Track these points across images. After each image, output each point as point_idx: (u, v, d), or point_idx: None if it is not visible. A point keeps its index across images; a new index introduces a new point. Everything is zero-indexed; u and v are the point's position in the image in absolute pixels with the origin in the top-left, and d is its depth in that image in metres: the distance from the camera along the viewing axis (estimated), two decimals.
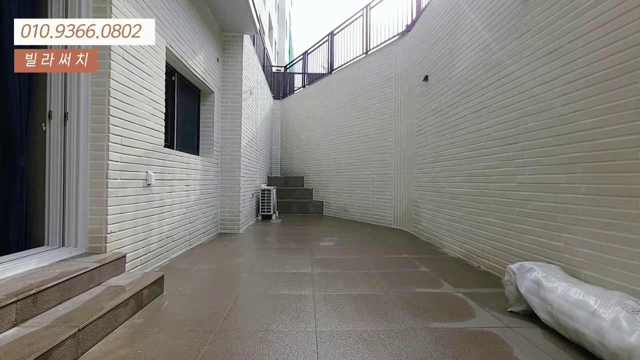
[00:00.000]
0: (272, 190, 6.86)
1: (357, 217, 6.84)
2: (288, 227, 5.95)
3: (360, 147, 6.78)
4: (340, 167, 7.36)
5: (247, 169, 5.83)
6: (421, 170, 4.93)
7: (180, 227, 3.67)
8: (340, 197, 7.38)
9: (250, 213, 6.18)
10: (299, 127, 9.25)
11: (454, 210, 3.83)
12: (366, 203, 6.60)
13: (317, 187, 8.27)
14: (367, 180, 6.57)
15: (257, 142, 7.01)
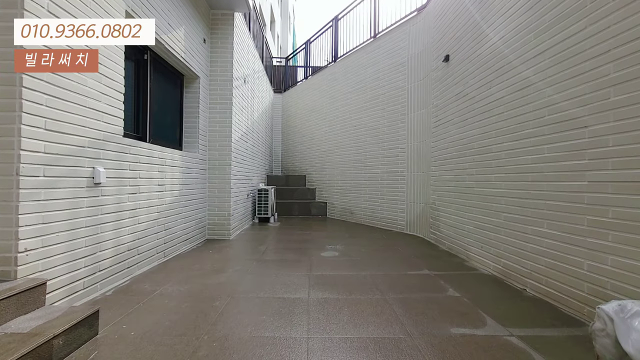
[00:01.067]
0: (270, 190, 6.19)
1: (364, 220, 6.13)
2: (287, 231, 5.26)
3: (368, 142, 6.06)
4: (346, 165, 6.65)
5: (240, 166, 5.15)
6: (440, 167, 4.20)
7: (149, 236, 3.01)
8: (345, 197, 6.67)
9: (244, 216, 5.52)
10: (301, 122, 8.56)
11: (486, 216, 3.10)
12: (375, 205, 5.88)
13: (321, 187, 7.57)
14: (376, 179, 5.86)
15: (253, 137, 6.34)
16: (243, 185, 5.41)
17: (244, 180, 5.47)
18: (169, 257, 3.39)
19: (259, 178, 7.10)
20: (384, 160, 5.67)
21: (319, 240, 4.53)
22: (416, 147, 5.02)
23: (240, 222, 5.22)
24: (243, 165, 5.38)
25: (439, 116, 4.28)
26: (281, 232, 5.19)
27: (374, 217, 5.90)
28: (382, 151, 5.71)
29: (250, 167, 6.02)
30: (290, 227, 5.77)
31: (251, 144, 6.12)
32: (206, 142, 4.49)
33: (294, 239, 4.65)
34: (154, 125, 3.43)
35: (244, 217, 5.52)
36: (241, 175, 5.26)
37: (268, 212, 6.16)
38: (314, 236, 4.84)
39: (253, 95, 6.29)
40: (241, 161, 5.24)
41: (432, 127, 4.53)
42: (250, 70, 6.00)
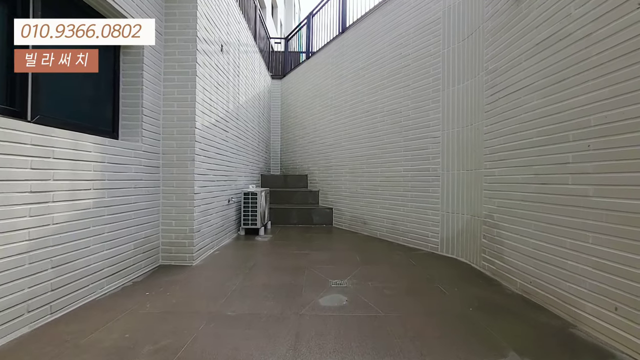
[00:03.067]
0: (260, 194, 4.83)
1: (381, 233, 4.71)
2: (277, 250, 3.89)
3: (385, 131, 4.63)
4: (356, 162, 5.24)
5: (213, 162, 3.80)
6: (503, 162, 2.76)
7: (6, 285, 1.67)
8: (356, 203, 5.26)
9: (222, 228, 4.17)
10: (302, 111, 7.18)
11: (629, 252, 1.66)
12: (396, 213, 4.46)
13: (325, 189, 6.18)
14: (397, 179, 4.43)
15: (238, 127, 4.99)
16: (219, 189, 4.06)
17: (221, 182, 4.12)
18: (66, 311, 2.05)
19: (249, 178, 5.75)
20: (409, 154, 4.23)
21: (318, 267, 3.14)
22: (456, 134, 3.58)
23: (215, 237, 3.87)
24: (219, 161, 4.03)
25: (498, 85, 2.84)
26: (269, 252, 3.81)
27: (394, 230, 4.47)
28: (406, 142, 4.28)
29: (232, 165, 4.67)
30: (284, 242, 4.40)
31: (234, 134, 4.77)
32: (158, 127, 3.15)
33: (284, 265, 3.27)
34: (50, 97, 2.09)
35: (222, 230, 4.17)
36: (216, 174, 3.91)
37: (257, 221, 4.80)
38: (313, 260, 3.45)
39: (238, 72, 4.94)
40: (215, 156, 3.88)
41: (484, 104, 3.08)
42: (234, 39, 4.65)
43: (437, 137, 3.83)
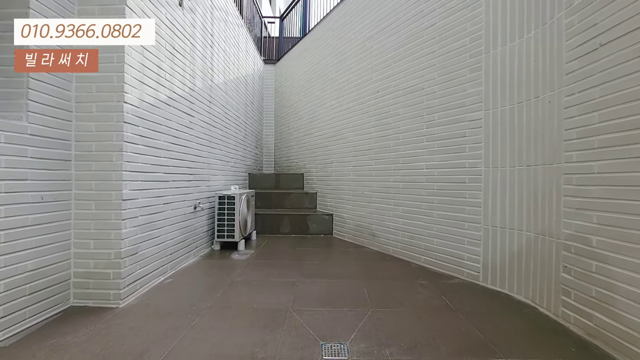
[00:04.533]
0: (238, 197, 3.77)
1: (395, 250, 3.62)
2: (253, 278, 2.81)
3: (401, 116, 3.54)
4: (363, 157, 4.15)
5: (167, 156, 2.74)
6: (615, 150, 1.65)
7: None
8: (362, 209, 4.17)
9: (181, 245, 3.11)
10: (298, 97, 6.10)
11: None
12: (415, 225, 3.36)
13: (324, 191, 5.10)
14: (418, 179, 3.33)
15: (212, 113, 3.92)
16: (178, 191, 3.00)
17: (181, 183, 3.06)
18: None
19: (231, 178, 4.68)
20: (434, 145, 3.13)
21: (307, 312, 2.06)
22: (508, 114, 2.47)
23: (169, 259, 2.81)
24: (177, 154, 2.96)
25: (601, 23, 1.73)
26: (242, 281, 2.73)
27: (412, 246, 3.37)
28: (430, 129, 3.18)
29: (202, 160, 3.60)
30: (268, 261, 3.32)
31: (205, 121, 3.70)
32: (64, 100, 2.09)
33: (258, 304, 2.18)
34: None
35: (184, 247, 3.11)
36: (170, 172, 2.84)
37: (234, 233, 3.74)
38: (301, 295, 2.36)
39: (211, 43, 3.87)
40: (168, 146, 2.82)
41: (566, 62, 1.97)
42: None
43: (477, 119, 2.73)
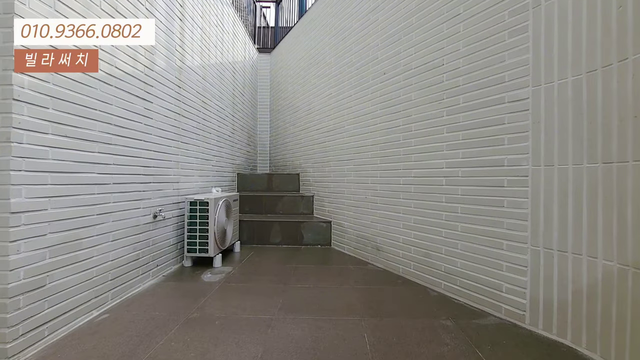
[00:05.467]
0: (213, 202, 3.09)
1: (405, 269, 2.88)
2: (218, 312, 2.10)
3: (414, 101, 2.80)
4: (366, 153, 3.42)
5: (103, 151, 2.06)
6: None
7: None
8: (365, 216, 3.45)
9: (133, 265, 2.42)
10: (294, 88, 5.40)
11: None
12: (432, 239, 2.61)
13: (322, 194, 4.39)
14: (436, 180, 2.58)
15: (184, 100, 3.23)
16: (124, 197, 2.32)
17: (131, 185, 2.38)
18: None
19: (210, 179, 4.01)
20: (458, 136, 2.39)
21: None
22: (570, 90, 1.71)
23: (106, 288, 2.13)
24: (124, 149, 2.27)
25: None
26: (199, 321, 2.02)
27: (429, 266, 2.63)
28: (452, 116, 2.43)
29: (167, 158, 2.92)
30: (244, 286, 2.62)
31: (169, 108, 3.02)
32: None
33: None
34: None
35: (137, 268, 2.43)
36: (109, 172, 2.16)
37: (209, 246, 3.06)
38: (273, 346, 1.65)
39: (182, 15, 3.19)
40: (106, 138, 2.13)
41: None
42: None
43: (522, 99, 1.98)
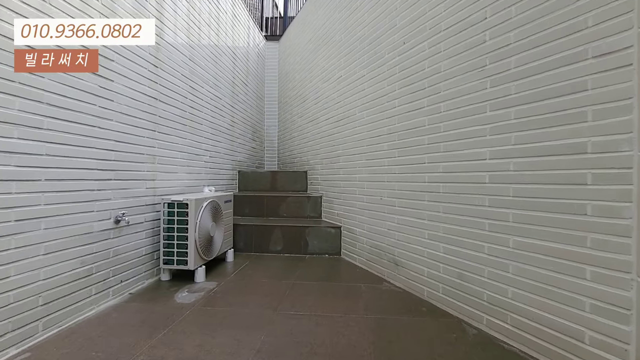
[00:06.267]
0: (195, 205, 2.56)
1: (431, 293, 2.20)
2: (175, 355, 1.58)
3: (444, 72, 2.12)
4: (381, 144, 2.77)
5: (24, 136, 1.58)
6: None
7: None
8: (380, 222, 2.80)
9: (87, 280, 1.94)
10: (302, 75, 4.83)
11: None
12: (470, 257, 1.92)
13: (330, 194, 3.78)
14: (473, 178, 1.90)
15: (163, 83, 2.73)
16: (70, 199, 1.83)
17: (85, 183, 1.89)
18: None
19: (202, 176, 3.50)
20: (509, 114, 1.69)
21: None
22: None
23: (35, 316, 1.64)
24: (57, 135, 1.78)
25: None
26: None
27: (465, 292, 1.94)
28: (499, 87, 1.74)
29: (137, 150, 2.42)
30: (224, 310, 2.05)
31: (139, 90, 2.52)
32: None
33: None
34: None
35: (89, 287, 1.93)
36: (36, 165, 1.67)
37: (188, 257, 2.54)
38: None
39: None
40: (32, 120, 1.65)
41: None
42: None
43: (620, 49, 1.28)
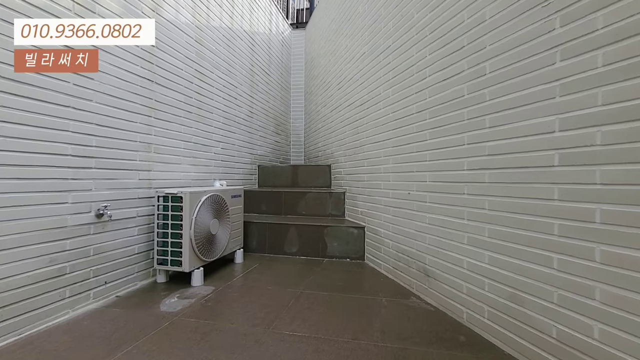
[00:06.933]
0: (190, 199, 2.25)
1: (473, 318, 1.60)
2: None
3: (489, 19, 1.51)
4: (409, 125, 2.20)
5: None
6: None
7: None
8: (407, 222, 2.23)
9: (57, 282, 1.69)
10: (326, 59, 4.38)
11: None
12: (530, 273, 1.30)
13: (354, 190, 3.27)
14: (536, 158, 1.28)
15: (158, 60, 2.46)
16: (36, 187, 1.59)
17: (58, 171, 1.65)
18: None
19: (211, 169, 3.22)
20: (598, 58, 1.07)
21: None
22: None
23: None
24: (13, 113, 1.56)
25: None
26: None
27: (521, 319, 1.32)
28: (569, 28, 1.13)
29: (126, 137, 2.16)
30: (208, 326, 1.67)
31: (131, 70, 2.25)
32: None
33: None
34: None
35: (61, 289, 1.68)
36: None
37: (184, 258, 2.23)
38: None
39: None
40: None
41: None
42: None
43: None
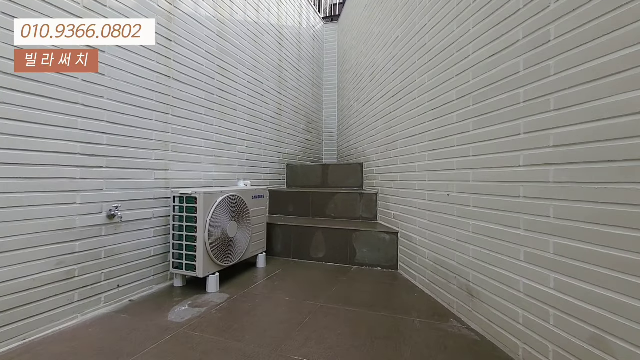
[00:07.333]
0: (205, 199, 2.16)
1: (527, 353, 1.25)
2: None
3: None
4: (448, 115, 1.86)
5: None
6: None
7: None
8: (446, 229, 1.88)
9: (63, 285, 1.70)
10: (358, 50, 4.09)
11: None
12: (617, 307, 0.94)
13: (386, 190, 2.95)
14: (630, 148, 0.91)
15: (175, 55, 2.41)
16: (42, 187, 1.59)
17: (65, 170, 1.65)
18: None
19: (235, 169, 3.14)
20: None
21: None
22: None
23: None
24: (16, 110, 1.56)
25: None
26: None
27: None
28: None
29: (140, 134, 2.14)
30: (211, 342, 1.54)
31: (145, 65, 2.22)
32: None
33: None
34: None
35: (68, 293, 1.70)
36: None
37: (198, 262, 2.15)
38: None
39: None
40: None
41: None
42: None
43: None
